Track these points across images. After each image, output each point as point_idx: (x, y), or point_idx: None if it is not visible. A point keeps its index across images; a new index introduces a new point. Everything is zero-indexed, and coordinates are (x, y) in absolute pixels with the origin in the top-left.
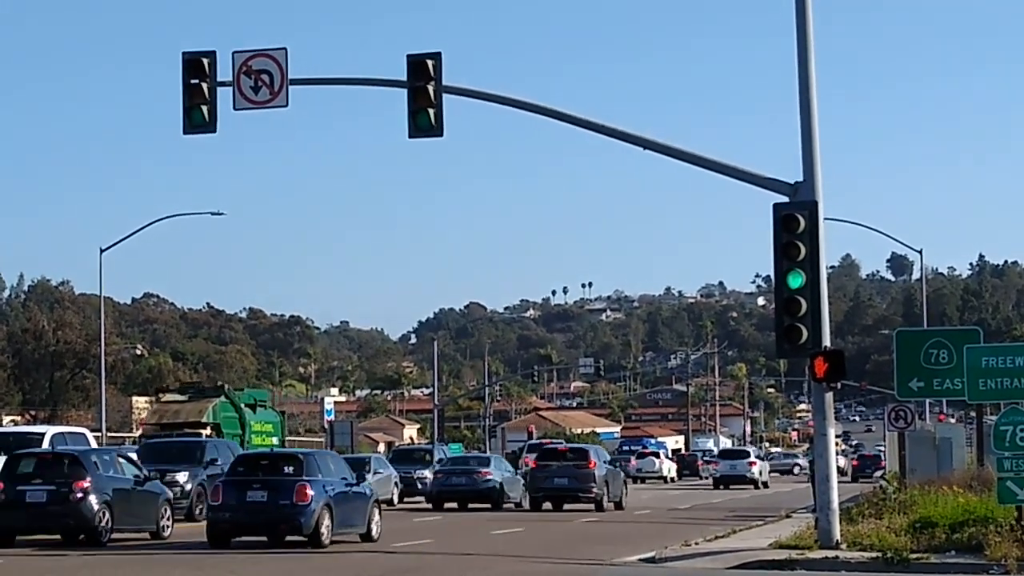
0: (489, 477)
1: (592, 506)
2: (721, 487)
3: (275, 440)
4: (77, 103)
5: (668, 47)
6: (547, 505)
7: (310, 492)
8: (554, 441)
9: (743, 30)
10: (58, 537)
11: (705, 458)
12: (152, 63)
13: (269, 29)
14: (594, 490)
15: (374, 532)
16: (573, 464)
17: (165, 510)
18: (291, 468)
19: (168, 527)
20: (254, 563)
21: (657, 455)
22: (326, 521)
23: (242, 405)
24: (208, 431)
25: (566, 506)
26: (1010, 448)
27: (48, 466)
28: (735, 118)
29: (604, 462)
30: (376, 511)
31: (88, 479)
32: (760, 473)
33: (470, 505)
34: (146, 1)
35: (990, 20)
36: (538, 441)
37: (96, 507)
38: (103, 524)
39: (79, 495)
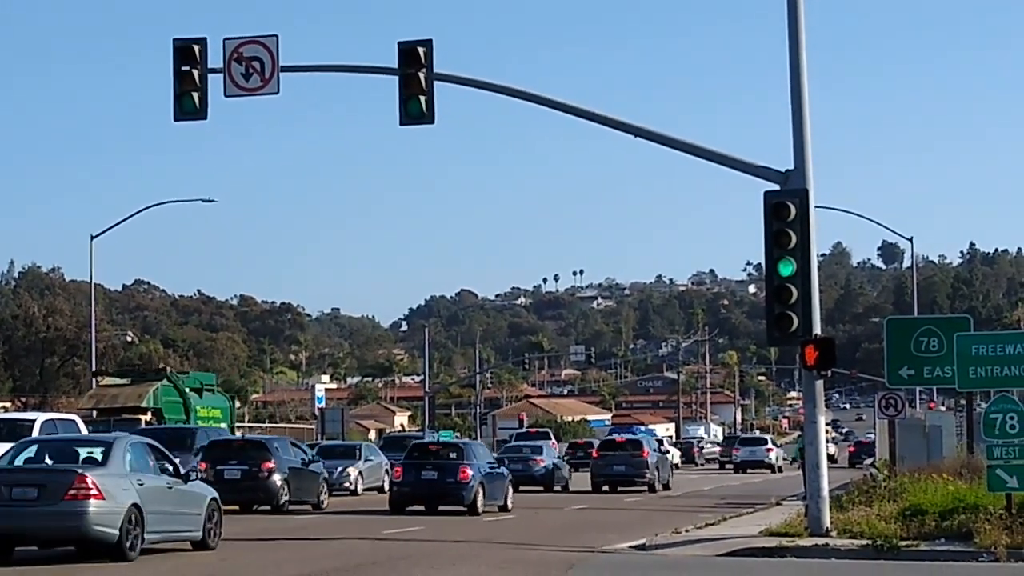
0: (543, 463)
1: (646, 488)
2: (741, 471)
3: (223, 427)
4: (68, 90)
5: (659, 35)
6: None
7: (470, 472)
8: (620, 430)
9: (734, 17)
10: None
11: (699, 445)
12: (143, 50)
13: (260, 16)
14: (647, 475)
15: (509, 504)
16: (629, 453)
17: (323, 486)
18: (455, 454)
19: (325, 500)
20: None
21: (662, 442)
22: (480, 495)
23: (187, 389)
24: (148, 417)
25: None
26: (1000, 436)
27: (241, 450)
28: (726, 106)
29: (654, 450)
30: (510, 489)
31: (272, 461)
32: (776, 459)
33: (522, 488)
34: None
35: (981, 8)
36: (526, 430)
37: (279, 483)
38: (284, 497)
39: (266, 473)
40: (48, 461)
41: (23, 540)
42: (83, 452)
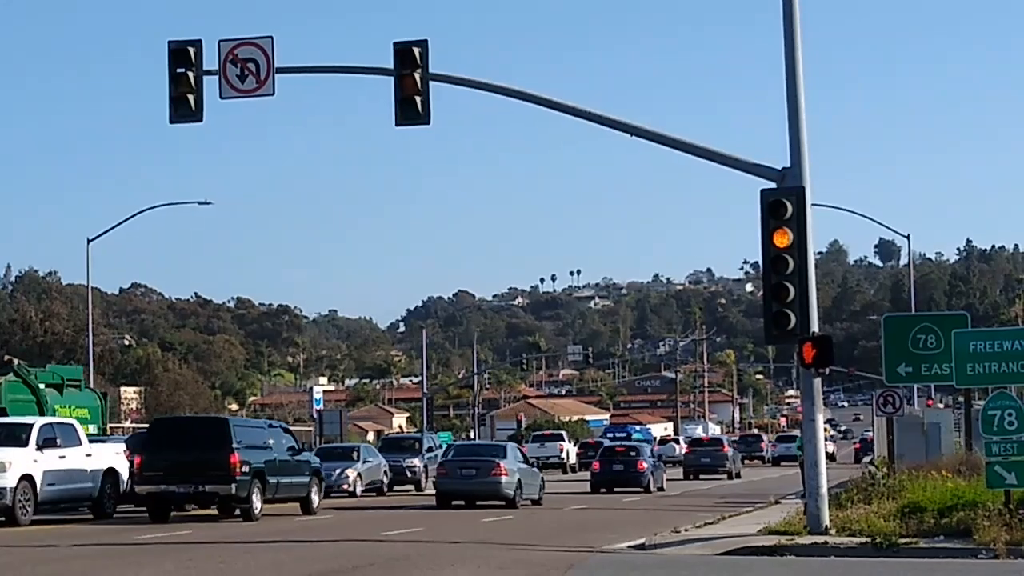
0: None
1: (725, 476)
2: (776, 465)
3: (93, 428)
4: (63, 94)
5: (655, 34)
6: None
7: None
8: (616, 430)
9: (729, 17)
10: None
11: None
12: (138, 52)
13: (255, 18)
14: (727, 465)
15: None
16: (712, 448)
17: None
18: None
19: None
20: (432, 523)
21: (677, 441)
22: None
23: (41, 385)
24: None
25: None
26: (998, 432)
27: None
28: (722, 105)
29: (730, 445)
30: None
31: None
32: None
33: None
34: None
35: (976, 8)
36: (541, 432)
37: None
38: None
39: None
40: None
41: None
42: None
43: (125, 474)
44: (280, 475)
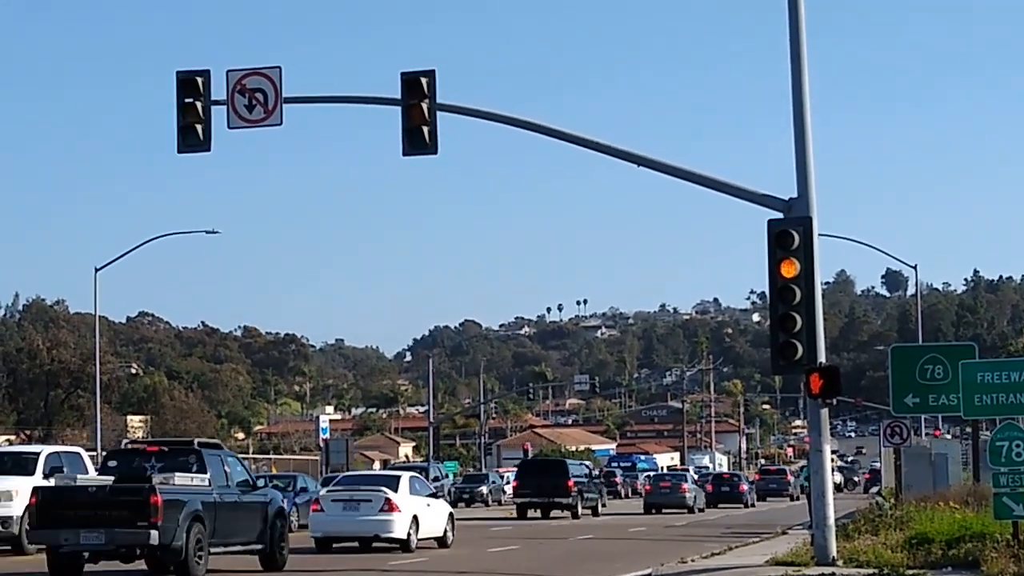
0: (685, 492)
1: (788, 499)
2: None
3: None
4: (71, 122)
5: (661, 66)
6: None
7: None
8: (620, 460)
9: (737, 49)
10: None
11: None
12: (146, 82)
13: (263, 48)
14: (791, 490)
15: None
16: (778, 475)
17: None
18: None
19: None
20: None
21: (687, 470)
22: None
23: None
24: None
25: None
26: (1006, 463)
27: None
28: (730, 133)
29: (794, 474)
30: (452, 518)
31: None
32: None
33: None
34: (141, 20)
35: (985, 41)
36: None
37: None
38: None
39: None
40: None
41: None
42: None
43: None
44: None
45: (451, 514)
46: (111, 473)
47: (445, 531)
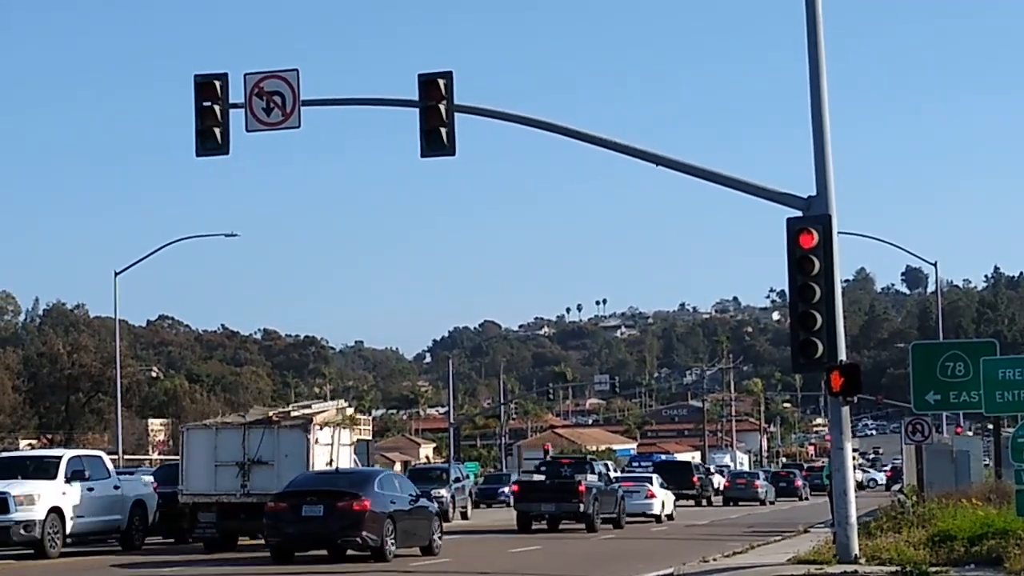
0: (758, 488)
1: (796, 499)
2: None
3: None
4: (91, 126)
5: (681, 66)
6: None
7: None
8: (641, 459)
9: (756, 45)
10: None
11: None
12: (165, 85)
13: (281, 51)
14: (801, 492)
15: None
16: (786, 477)
17: None
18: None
19: None
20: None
21: (719, 472)
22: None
23: None
24: None
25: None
26: None
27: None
28: (749, 132)
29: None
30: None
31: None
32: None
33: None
34: (160, 24)
35: (1006, 37)
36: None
37: None
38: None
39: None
40: None
41: None
42: None
43: (153, 506)
44: None
45: (438, 517)
46: None
47: (433, 539)
